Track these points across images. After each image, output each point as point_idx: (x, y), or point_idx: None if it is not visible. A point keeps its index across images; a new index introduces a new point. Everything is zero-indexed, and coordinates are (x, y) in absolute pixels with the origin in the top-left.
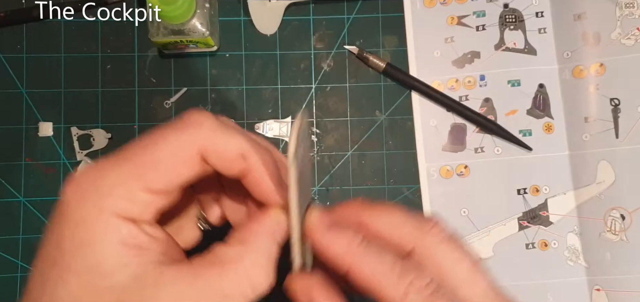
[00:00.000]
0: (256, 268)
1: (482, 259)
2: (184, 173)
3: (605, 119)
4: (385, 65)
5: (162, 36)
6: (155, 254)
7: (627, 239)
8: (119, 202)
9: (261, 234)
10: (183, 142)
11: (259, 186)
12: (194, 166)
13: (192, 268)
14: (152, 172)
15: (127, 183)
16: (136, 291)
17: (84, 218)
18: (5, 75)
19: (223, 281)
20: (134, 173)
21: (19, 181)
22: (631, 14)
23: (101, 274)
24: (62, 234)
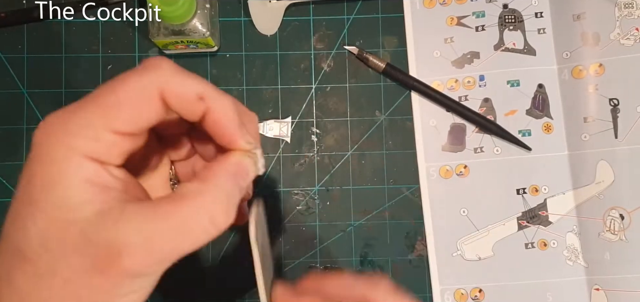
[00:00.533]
0: (216, 204)
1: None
2: (145, 113)
3: (604, 119)
4: (385, 65)
5: (162, 36)
6: (119, 193)
7: (626, 239)
8: (85, 142)
9: (221, 173)
10: (143, 83)
11: (219, 127)
12: (156, 106)
13: (154, 204)
14: (115, 112)
15: (93, 123)
16: (99, 225)
17: (52, 157)
18: (6, 75)
19: (183, 214)
20: (99, 114)
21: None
22: (630, 14)
23: (67, 208)
24: (32, 173)
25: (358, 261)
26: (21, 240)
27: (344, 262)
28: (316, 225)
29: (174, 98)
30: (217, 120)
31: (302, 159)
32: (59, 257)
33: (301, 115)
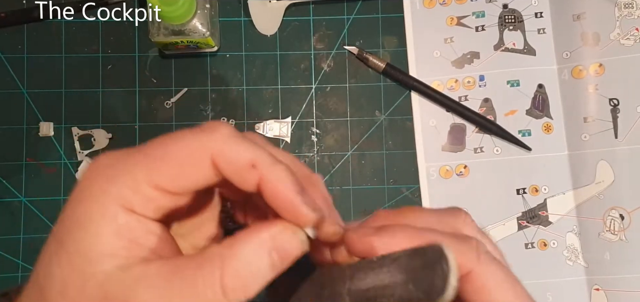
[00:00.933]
0: (233, 277)
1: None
2: (192, 175)
3: (604, 119)
4: (385, 65)
5: (162, 36)
6: (145, 250)
7: (626, 239)
8: (122, 189)
9: (251, 244)
10: (194, 144)
11: (274, 198)
12: (204, 170)
13: (175, 265)
14: (160, 166)
15: (134, 173)
16: (118, 283)
17: (87, 197)
18: (6, 75)
19: (197, 280)
20: (143, 164)
21: (20, 180)
22: (630, 15)
23: (90, 259)
24: (67, 211)
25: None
26: (44, 281)
27: None
28: None
29: (224, 164)
30: (272, 191)
31: (302, 159)
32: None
33: (301, 115)
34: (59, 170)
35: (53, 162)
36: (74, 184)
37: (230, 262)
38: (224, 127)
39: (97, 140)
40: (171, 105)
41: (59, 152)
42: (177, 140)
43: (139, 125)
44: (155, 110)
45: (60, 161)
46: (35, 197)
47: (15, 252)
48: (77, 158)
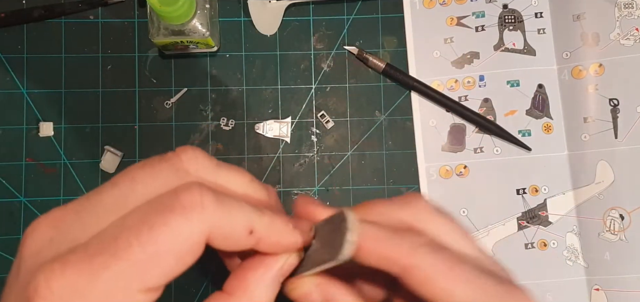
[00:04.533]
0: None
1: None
2: (187, 262)
3: (604, 119)
4: (385, 65)
5: (162, 37)
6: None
7: (626, 239)
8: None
9: (256, 281)
10: (187, 232)
11: (274, 248)
12: (198, 251)
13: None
14: (151, 270)
15: (124, 287)
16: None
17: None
18: (6, 76)
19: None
20: (130, 273)
21: (20, 181)
22: (630, 15)
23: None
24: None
25: None
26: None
27: None
28: None
29: (221, 240)
30: (273, 246)
31: (302, 159)
32: None
33: (301, 115)
34: (59, 170)
35: (53, 162)
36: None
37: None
38: (207, 198)
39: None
40: (171, 105)
41: (59, 152)
42: (165, 230)
43: (139, 125)
44: (155, 110)
45: (60, 161)
46: (35, 197)
47: (15, 252)
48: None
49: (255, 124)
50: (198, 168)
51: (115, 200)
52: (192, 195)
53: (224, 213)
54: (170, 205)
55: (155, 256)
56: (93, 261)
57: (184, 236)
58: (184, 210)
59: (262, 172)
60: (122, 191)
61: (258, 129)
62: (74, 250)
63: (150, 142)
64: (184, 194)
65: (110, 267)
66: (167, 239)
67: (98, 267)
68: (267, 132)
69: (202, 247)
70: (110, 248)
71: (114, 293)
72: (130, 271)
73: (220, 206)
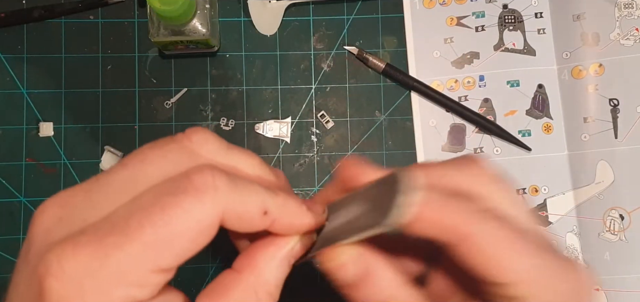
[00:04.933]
0: (267, 297)
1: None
2: (201, 243)
3: (604, 119)
4: (385, 65)
5: (162, 37)
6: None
7: (626, 239)
8: (127, 289)
9: (265, 259)
10: (201, 214)
11: (289, 229)
12: (212, 233)
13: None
14: (165, 251)
15: (135, 267)
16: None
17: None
18: (6, 76)
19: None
20: (143, 255)
21: (20, 181)
22: (630, 15)
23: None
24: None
25: None
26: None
27: None
28: None
29: (234, 221)
30: (286, 226)
31: (302, 159)
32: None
33: (301, 115)
34: (59, 170)
35: (53, 162)
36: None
37: (264, 289)
38: (220, 180)
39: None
40: (171, 105)
41: (59, 152)
42: (177, 212)
43: (139, 125)
44: (155, 110)
45: (60, 161)
46: (35, 197)
47: (15, 252)
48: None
49: (255, 124)
50: (209, 149)
51: (125, 181)
52: (205, 177)
53: (238, 194)
54: (183, 187)
55: (168, 237)
56: (105, 242)
57: (198, 218)
58: (197, 192)
59: None
60: (132, 172)
61: (258, 129)
62: (85, 231)
63: None
64: (197, 176)
65: (123, 248)
66: (180, 221)
67: (110, 248)
68: (267, 132)
69: (216, 228)
70: (122, 229)
71: (126, 273)
72: (142, 252)
73: (233, 188)
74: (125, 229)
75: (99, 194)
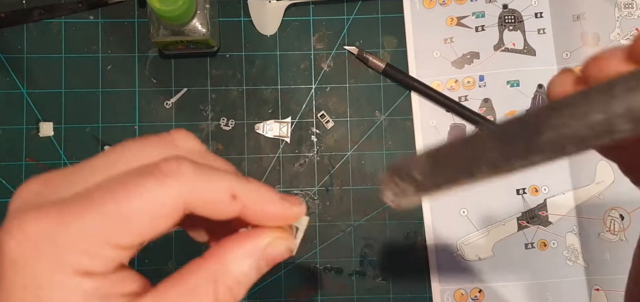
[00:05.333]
0: (227, 293)
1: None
2: (161, 226)
3: None
4: (385, 65)
5: (162, 37)
6: (119, 298)
7: (626, 239)
8: (80, 257)
9: (242, 258)
10: (163, 195)
11: (260, 217)
12: (174, 217)
13: (165, 296)
14: (123, 227)
15: (92, 237)
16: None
17: (38, 279)
18: (6, 76)
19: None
20: (101, 227)
21: (20, 181)
22: (630, 15)
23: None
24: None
25: (358, 261)
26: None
27: (344, 262)
28: (316, 225)
29: (201, 206)
30: (260, 213)
31: (302, 159)
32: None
33: (301, 115)
34: None
35: (53, 162)
36: None
37: (224, 281)
38: (185, 166)
39: None
40: (171, 105)
41: (59, 152)
42: (140, 192)
43: (138, 125)
44: (155, 110)
45: (60, 161)
46: None
47: None
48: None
49: (255, 124)
50: (187, 147)
51: (103, 164)
52: (170, 163)
53: (203, 179)
54: (149, 171)
55: (128, 214)
56: (67, 211)
57: (159, 200)
58: (162, 175)
59: (262, 172)
60: (111, 157)
61: (258, 129)
62: (54, 201)
63: None
64: (163, 162)
65: (83, 218)
66: (141, 200)
67: (71, 216)
68: (267, 132)
69: (178, 213)
70: (85, 201)
71: (81, 241)
72: (101, 224)
73: (199, 174)
74: (88, 201)
75: (79, 174)
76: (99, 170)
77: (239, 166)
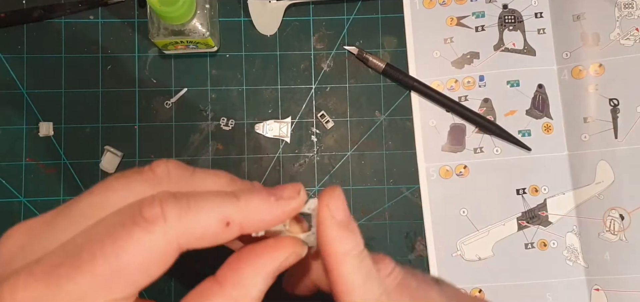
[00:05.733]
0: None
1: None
2: (155, 273)
3: (604, 119)
4: (385, 65)
5: (162, 37)
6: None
7: (626, 239)
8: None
9: (257, 275)
10: (151, 244)
11: (261, 227)
12: (167, 261)
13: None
14: (115, 282)
15: (85, 298)
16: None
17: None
18: (6, 76)
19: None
20: (96, 286)
21: (20, 181)
22: (630, 15)
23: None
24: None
25: None
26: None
27: None
28: None
29: (194, 242)
30: (257, 226)
31: (302, 159)
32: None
33: (301, 115)
34: (59, 170)
35: (53, 162)
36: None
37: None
38: (169, 209)
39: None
40: (171, 105)
41: (59, 152)
42: (128, 243)
43: (138, 125)
44: (155, 110)
45: (60, 161)
46: (35, 197)
47: None
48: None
49: (255, 124)
50: (171, 179)
51: (88, 208)
52: (153, 208)
53: (191, 217)
54: (133, 218)
55: (119, 268)
56: (57, 273)
57: (148, 248)
58: (147, 223)
59: (262, 172)
60: (95, 200)
61: (258, 129)
62: (40, 260)
63: (150, 143)
64: (146, 207)
65: (74, 279)
66: (130, 252)
67: (62, 279)
68: (267, 132)
69: (172, 256)
70: (74, 260)
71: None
72: (94, 283)
73: (185, 212)
74: (77, 260)
75: (63, 220)
76: (84, 214)
77: (239, 166)
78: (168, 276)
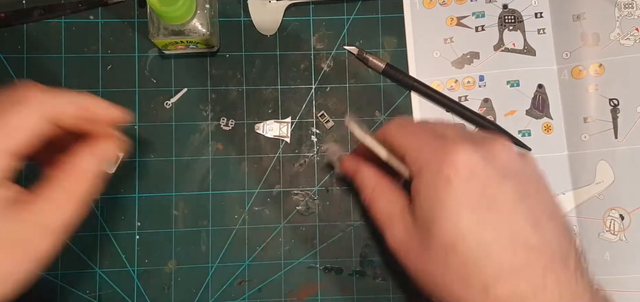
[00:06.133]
0: (57, 213)
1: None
2: (34, 134)
3: (604, 119)
4: (385, 65)
5: (162, 37)
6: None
7: (626, 239)
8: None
9: (74, 175)
10: (27, 113)
11: (92, 117)
12: (42, 127)
13: (15, 203)
14: (8, 136)
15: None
16: None
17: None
18: (6, 76)
19: (38, 216)
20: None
21: (19, 181)
22: (630, 15)
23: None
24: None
25: (358, 261)
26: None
27: (344, 262)
28: (316, 225)
29: (66, 118)
30: (102, 114)
31: (302, 159)
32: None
33: (301, 115)
34: None
35: None
36: None
37: (51, 203)
38: (33, 89)
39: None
40: (171, 105)
41: None
42: (13, 112)
43: (139, 125)
44: (155, 110)
45: None
46: None
47: None
48: None
49: (255, 124)
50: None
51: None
52: (25, 91)
53: (54, 97)
54: (16, 99)
55: (7, 130)
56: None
57: (26, 117)
58: (27, 101)
59: (262, 172)
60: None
61: (258, 129)
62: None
63: (150, 142)
64: (21, 92)
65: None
66: (17, 118)
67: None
68: (267, 132)
69: (45, 125)
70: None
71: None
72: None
73: (49, 93)
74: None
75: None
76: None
77: (239, 166)
78: (168, 277)
